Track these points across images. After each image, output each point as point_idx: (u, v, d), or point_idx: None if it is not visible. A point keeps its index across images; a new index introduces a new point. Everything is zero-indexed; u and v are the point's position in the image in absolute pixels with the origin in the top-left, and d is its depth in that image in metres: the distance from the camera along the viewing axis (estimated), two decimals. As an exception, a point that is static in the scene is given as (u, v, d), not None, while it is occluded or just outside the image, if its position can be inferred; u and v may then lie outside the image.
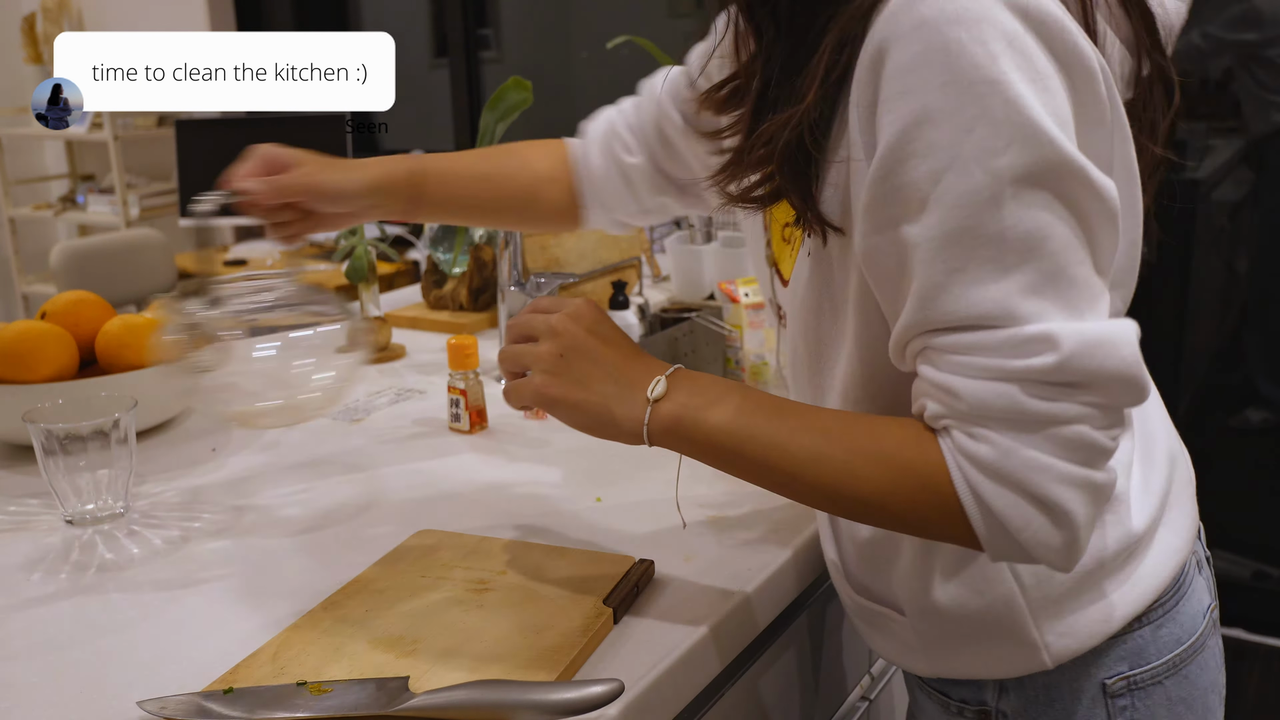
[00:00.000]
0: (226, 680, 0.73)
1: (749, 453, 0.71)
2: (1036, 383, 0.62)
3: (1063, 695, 0.78)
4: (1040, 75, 0.61)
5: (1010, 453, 0.62)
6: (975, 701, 0.82)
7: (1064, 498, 0.62)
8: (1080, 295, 0.63)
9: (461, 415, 1.20)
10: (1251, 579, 2.59)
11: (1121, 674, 0.78)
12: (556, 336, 0.75)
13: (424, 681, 0.71)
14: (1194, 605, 0.80)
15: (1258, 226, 2.61)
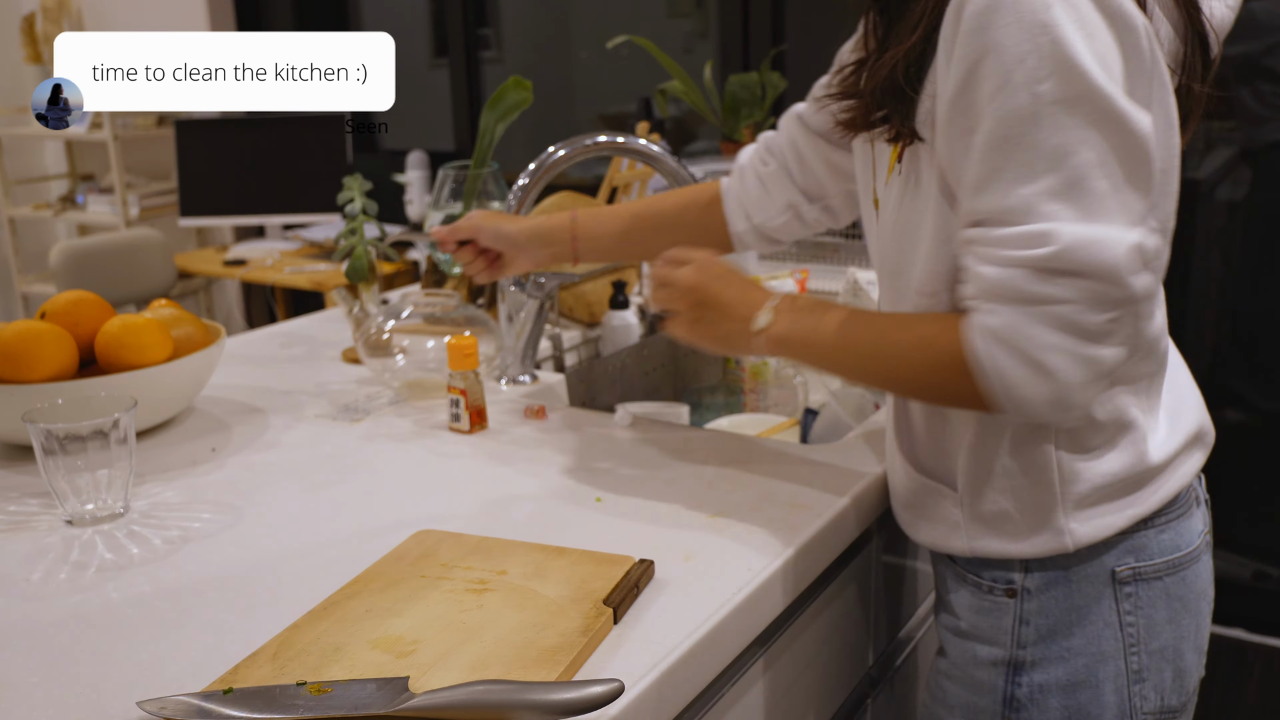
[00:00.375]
0: (226, 680, 0.73)
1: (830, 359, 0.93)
2: (1037, 269, 0.77)
3: (1079, 577, 0.92)
4: (1087, 24, 0.76)
5: (1012, 323, 0.78)
6: (1004, 580, 0.94)
7: (1051, 361, 0.78)
8: (1097, 204, 0.77)
9: (461, 415, 1.20)
10: (1251, 579, 2.59)
11: (1129, 565, 0.92)
12: (690, 291, 0.97)
13: (424, 682, 0.71)
14: (1192, 525, 0.95)
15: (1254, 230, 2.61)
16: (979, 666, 0.97)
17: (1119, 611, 0.92)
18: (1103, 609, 0.92)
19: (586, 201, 1.71)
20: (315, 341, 1.61)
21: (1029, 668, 0.94)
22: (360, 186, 1.63)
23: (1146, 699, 0.94)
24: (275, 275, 3.34)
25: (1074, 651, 0.93)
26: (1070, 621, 0.93)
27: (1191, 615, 0.95)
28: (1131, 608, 0.92)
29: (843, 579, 1.08)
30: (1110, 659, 0.93)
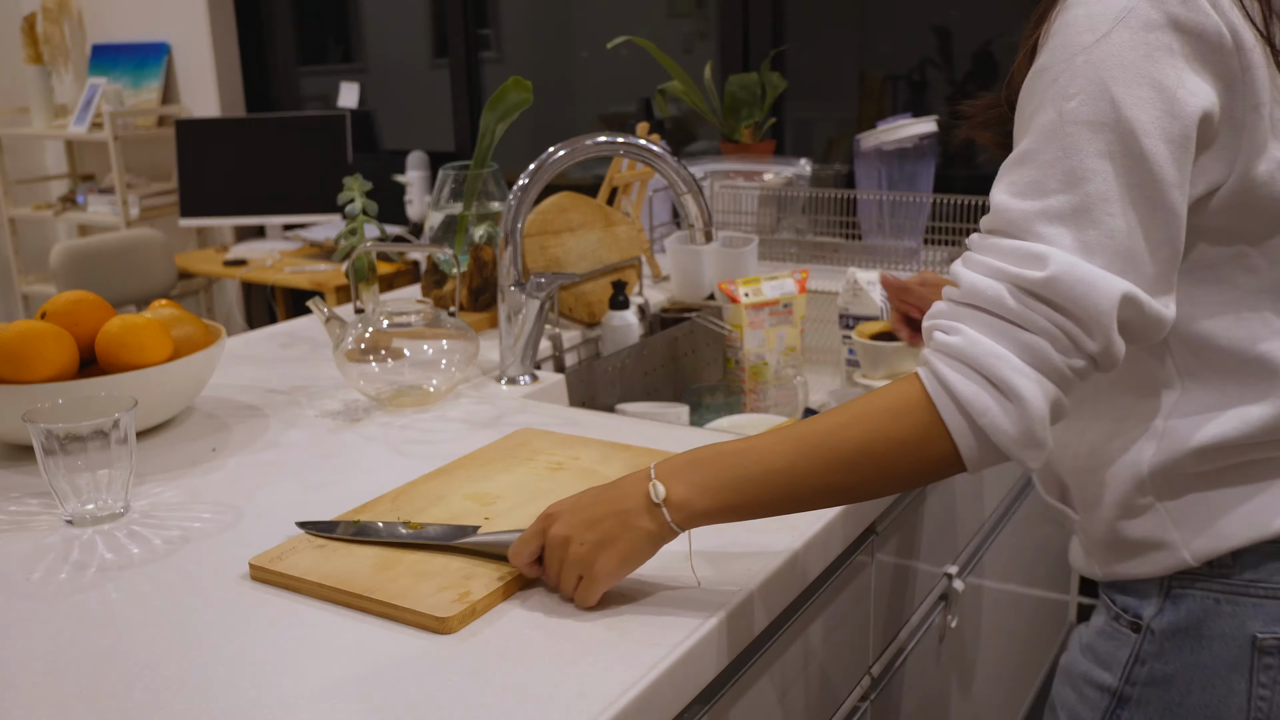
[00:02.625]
0: (354, 514, 0.98)
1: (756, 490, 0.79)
2: (1022, 290, 0.73)
3: (1215, 633, 0.85)
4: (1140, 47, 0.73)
5: (977, 342, 0.73)
6: (1133, 612, 0.90)
7: (1016, 383, 0.72)
8: (1098, 240, 0.73)
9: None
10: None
11: (1276, 635, 0.82)
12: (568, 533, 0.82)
13: (496, 524, 0.94)
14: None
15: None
16: (1089, 685, 0.94)
17: (1252, 683, 0.84)
18: (1233, 677, 0.85)
19: (586, 202, 1.71)
20: (315, 341, 1.61)
21: (1134, 705, 0.90)
22: (360, 186, 1.64)
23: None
24: (275, 275, 3.34)
25: (1186, 709, 0.87)
26: (1191, 679, 0.86)
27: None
28: (1269, 680, 0.84)
29: (843, 579, 1.08)
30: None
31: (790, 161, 2.12)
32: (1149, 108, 0.73)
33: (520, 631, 0.80)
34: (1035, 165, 0.75)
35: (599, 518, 0.81)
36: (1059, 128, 0.74)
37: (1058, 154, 0.74)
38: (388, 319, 1.32)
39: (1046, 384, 0.73)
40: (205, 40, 3.86)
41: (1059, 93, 0.75)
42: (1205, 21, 0.73)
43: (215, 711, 0.72)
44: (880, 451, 0.76)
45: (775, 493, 0.79)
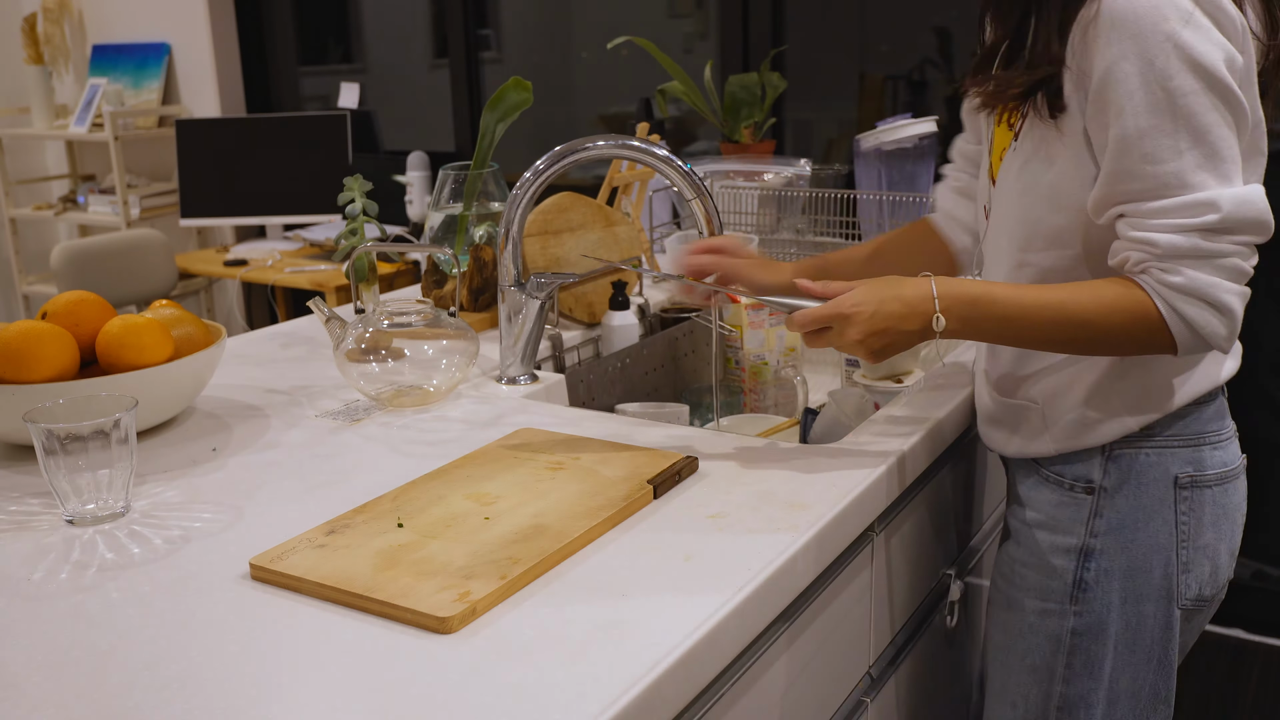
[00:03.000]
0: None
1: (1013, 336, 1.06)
2: (1209, 230, 0.96)
3: (1148, 479, 1.11)
4: (1199, 26, 0.96)
5: (1195, 278, 0.97)
6: (1084, 479, 1.14)
7: (1230, 302, 0.98)
8: (1231, 169, 0.97)
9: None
10: (1251, 579, 2.59)
11: (1188, 474, 1.11)
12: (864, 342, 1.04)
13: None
14: (1236, 448, 1.16)
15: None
16: (1054, 553, 1.15)
17: (1176, 511, 1.11)
18: (1163, 509, 1.11)
19: (586, 202, 1.71)
20: (315, 341, 1.61)
21: (1098, 555, 1.12)
22: (360, 187, 1.64)
23: (1189, 587, 1.12)
24: (276, 275, 3.34)
25: (1136, 543, 1.11)
26: (1136, 518, 1.11)
27: (1230, 523, 1.14)
28: (1187, 509, 1.11)
29: (843, 579, 1.09)
30: (1163, 549, 1.11)
31: (790, 161, 2.12)
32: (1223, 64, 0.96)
33: (520, 631, 0.80)
34: (1160, 134, 0.97)
35: (886, 330, 1.03)
36: (1171, 102, 0.96)
37: (1180, 121, 0.96)
38: (388, 319, 1.32)
39: (1243, 290, 0.99)
40: (205, 40, 3.86)
41: (1159, 76, 0.96)
42: (1229, 8, 0.98)
43: (215, 711, 0.72)
44: (1117, 340, 1.02)
45: (1023, 344, 1.09)
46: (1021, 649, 1.18)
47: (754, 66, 2.81)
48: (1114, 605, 1.12)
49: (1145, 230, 0.98)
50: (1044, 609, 1.16)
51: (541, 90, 1.59)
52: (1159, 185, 0.97)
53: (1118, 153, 0.99)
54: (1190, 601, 1.13)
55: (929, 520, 1.31)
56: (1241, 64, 0.99)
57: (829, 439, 1.36)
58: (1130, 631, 1.13)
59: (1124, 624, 1.12)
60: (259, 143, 3.64)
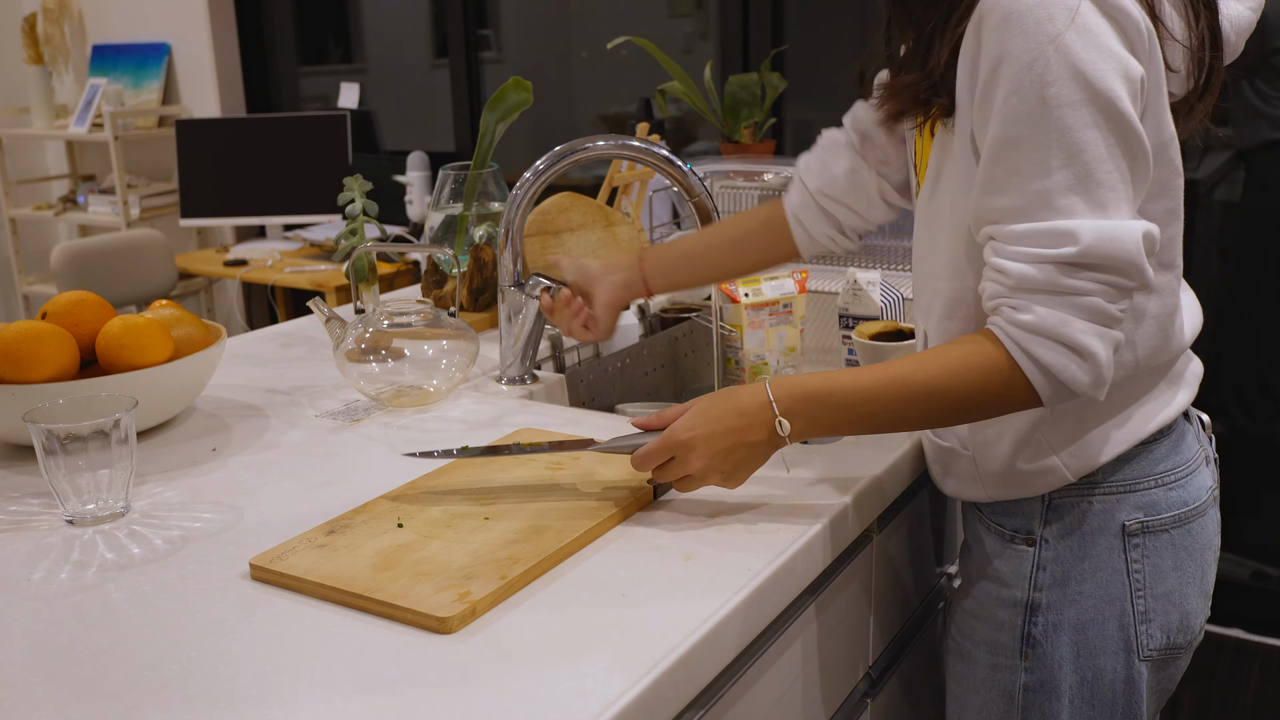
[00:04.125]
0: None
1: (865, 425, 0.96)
2: (1066, 264, 0.85)
3: (1092, 529, 1.02)
4: (1090, 30, 0.84)
5: (1046, 315, 0.86)
6: (1024, 530, 1.05)
7: (1088, 343, 0.86)
8: (1108, 196, 0.85)
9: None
10: (1251, 579, 2.59)
11: (1138, 520, 1.02)
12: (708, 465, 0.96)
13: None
14: (1200, 482, 1.05)
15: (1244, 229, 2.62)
16: (1000, 606, 1.07)
17: (1127, 561, 1.02)
18: (1112, 558, 1.02)
19: (586, 202, 1.71)
20: (315, 341, 1.61)
21: (1044, 609, 1.04)
22: (360, 187, 1.64)
23: (1152, 638, 1.03)
24: (276, 275, 3.34)
25: (1085, 595, 1.03)
26: (1083, 570, 1.03)
27: (1196, 563, 1.04)
28: (1139, 557, 1.02)
29: (843, 579, 1.09)
30: (1116, 600, 1.03)
31: (790, 161, 2.12)
32: (1114, 76, 0.85)
33: (520, 631, 0.80)
34: (1030, 148, 0.86)
35: (731, 449, 0.95)
36: (1045, 113, 0.85)
37: (1052, 135, 0.85)
38: (388, 319, 1.32)
39: (1107, 333, 0.87)
40: (205, 40, 3.86)
41: (1035, 81, 0.85)
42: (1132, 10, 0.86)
43: (215, 711, 0.72)
44: (975, 403, 0.92)
45: (879, 430, 0.98)
46: (977, 704, 1.11)
47: (754, 66, 2.81)
48: (1065, 660, 1.04)
49: (1002, 257, 0.88)
50: (995, 663, 1.08)
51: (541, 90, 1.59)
52: (1024, 204, 0.87)
53: (988, 160, 0.89)
54: (1157, 652, 1.04)
55: (929, 520, 1.31)
56: (1141, 75, 0.87)
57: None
58: (1087, 687, 1.04)
59: (1079, 679, 1.04)
60: (259, 143, 3.64)
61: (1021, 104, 0.85)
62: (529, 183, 1.33)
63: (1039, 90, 0.85)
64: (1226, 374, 2.65)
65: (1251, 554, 2.59)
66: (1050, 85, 0.84)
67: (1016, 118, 0.86)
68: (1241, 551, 2.60)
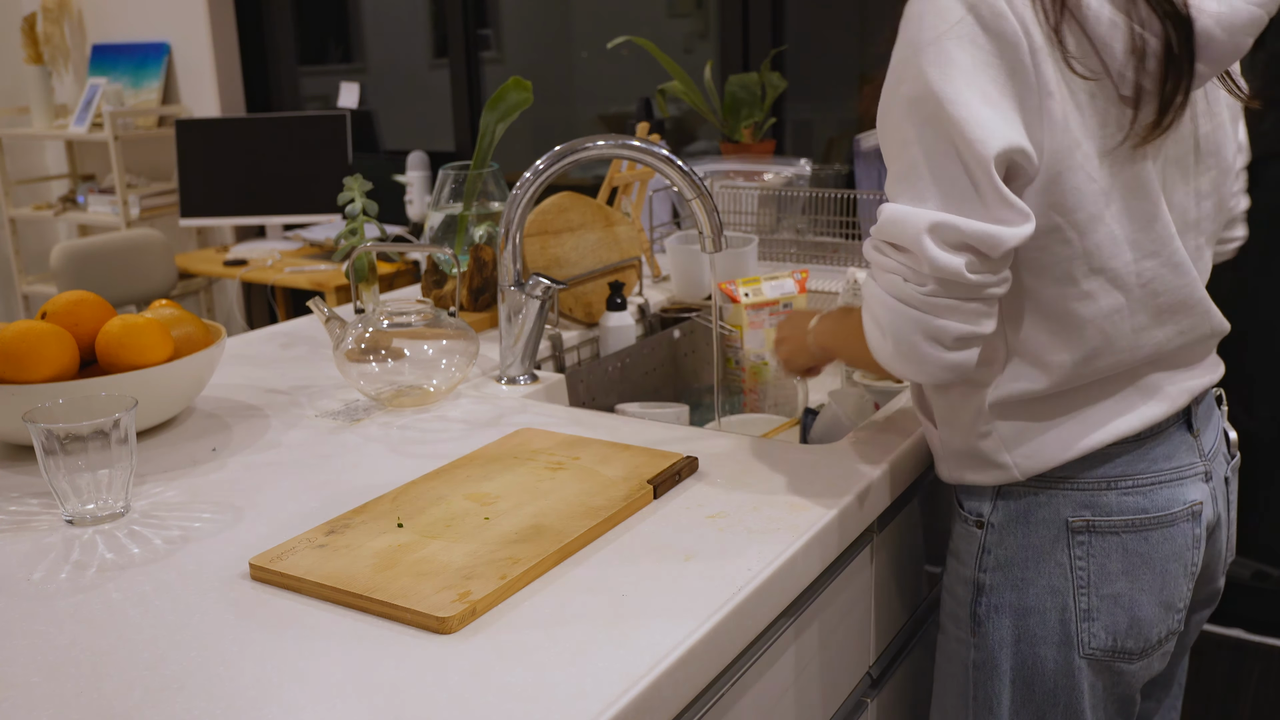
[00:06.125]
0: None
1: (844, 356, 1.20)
2: (875, 241, 0.96)
3: (1037, 520, 1.06)
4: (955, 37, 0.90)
5: (868, 288, 0.98)
6: (975, 513, 1.10)
7: (884, 319, 0.95)
8: (925, 191, 0.91)
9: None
10: (1251, 579, 2.59)
11: (1083, 518, 1.04)
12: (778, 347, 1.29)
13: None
14: (1173, 494, 1.04)
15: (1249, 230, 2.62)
16: (958, 582, 1.13)
17: (1070, 556, 1.04)
18: (1055, 551, 1.05)
19: (586, 202, 1.71)
20: (315, 341, 1.61)
21: (988, 590, 1.09)
22: (360, 187, 1.64)
23: (1096, 636, 1.05)
24: (275, 275, 3.34)
25: (1026, 582, 1.06)
26: (1026, 557, 1.06)
27: (1155, 574, 1.04)
28: (1083, 554, 1.04)
29: (843, 579, 1.09)
30: (1059, 593, 1.05)
31: (790, 161, 2.12)
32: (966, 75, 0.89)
33: (520, 631, 0.80)
34: (884, 142, 0.96)
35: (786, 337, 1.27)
36: (890, 109, 0.94)
37: (891, 129, 0.94)
38: (388, 319, 1.32)
39: (907, 310, 0.93)
40: (205, 40, 3.86)
41: (893, 80, 0.94)
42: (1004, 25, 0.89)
43: (215, 711, 0.72)
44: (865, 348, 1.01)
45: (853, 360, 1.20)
46: (945, 674, 1.16)
47: (754, 66, 2.81)
48: (1006, 643, 1.08)
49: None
50: (957, 635, 1.13)
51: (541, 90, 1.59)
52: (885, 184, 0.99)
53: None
54: (1101, 652, 1.05)
55: (929, 520, 1.31)
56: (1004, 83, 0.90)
57: (829, 439, 1.36)
58: (1026, 671, 1.07)
59: (1018, 663, 1.07)
60: (259, 143, 3.64)
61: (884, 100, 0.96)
62: (529, 183, 1.33)
63: (894, 89, 0.94)
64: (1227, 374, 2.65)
65: (1251, 554, 2.59)
66: (899, 85, 0.93)
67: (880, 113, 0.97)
68: (1241, 551, 2.59)
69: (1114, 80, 0.92)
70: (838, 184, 2.21)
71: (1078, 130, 0.92)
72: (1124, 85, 0.93)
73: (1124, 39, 0.92)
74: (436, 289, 1.68)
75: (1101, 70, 0.92)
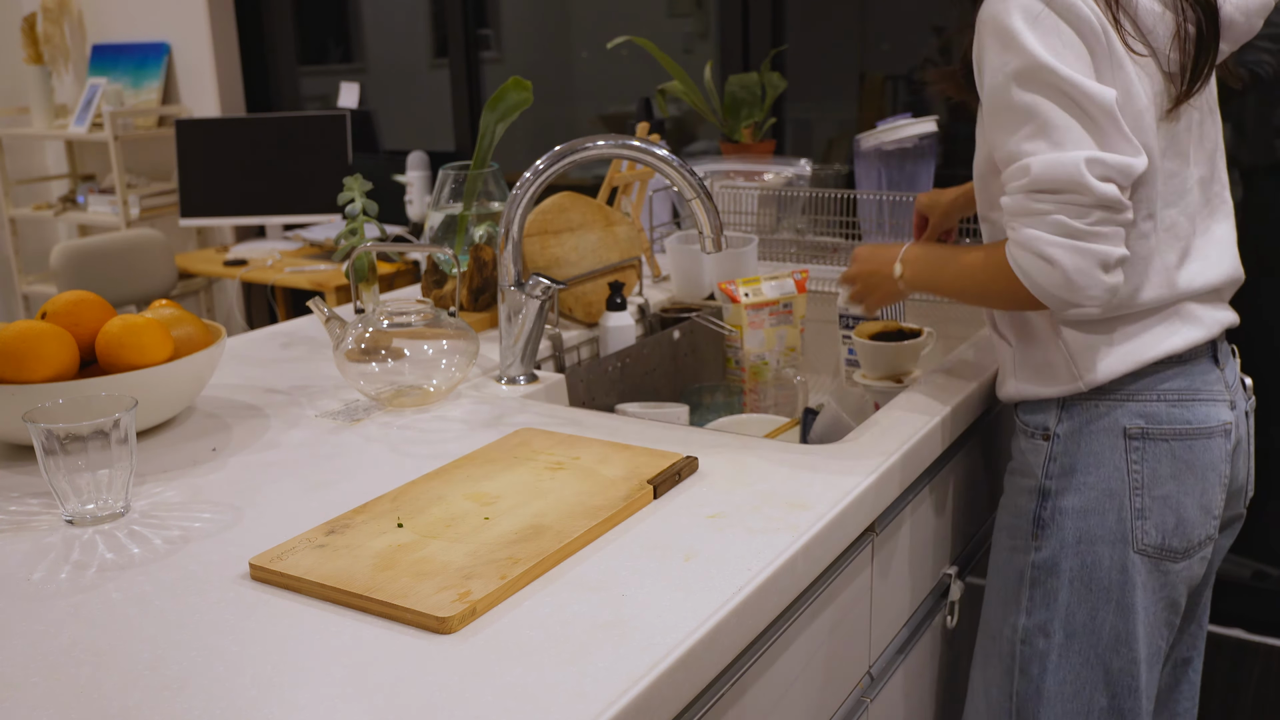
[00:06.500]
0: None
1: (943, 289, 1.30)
2: (1029, 191, 1.09)
3: (1098, 428, 1.20)
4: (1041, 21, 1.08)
5: (1023, 232, 1.10)
6: (1041, 426, 1.24)
7: (1054, 254, 1.08)
8: (1065, 137, 1.07)
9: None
10: (1251, 579, 2.59)
11: (1139, 426, 1.19)
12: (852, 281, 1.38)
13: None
14: (1210, 412, 1.20)
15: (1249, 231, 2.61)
16: (1020, 494, 1.26)
17: (1127, 460, 1.19)
18: (1114, 455, 1.19)
19: (586, 202, 1.71)
20: (315, 341, 1.61)
21: (1052, 495, 1.22)
22: (360, 186, 1.64)
23: (1148, 534, 1.19)
24: (275, 275, 3.34)
25: (1088, 485, 1.20)
26: (1088, 464, 1.20)
27: (1197, 478, 1.19)
28: (1138, 459, 1.18)
29: (843, 579, 1.09)
30: (1116, 495, 1.19)
31: (790, 161, 2.12)
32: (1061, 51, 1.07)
33: (520, 631, 0.80)
34: (1004, 114, 1.11)
35: (869, 273, 1.34)
36: (1008, 86, 1.10)
37: (1009, 101, 1.10)
38: (388, 319, 1.32)
39: (1074, 244, 1.07)
40: (205, 40, 3.86)
41: (999, 62, 1.10)
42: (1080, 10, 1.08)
43: (215, 711, 0.72)
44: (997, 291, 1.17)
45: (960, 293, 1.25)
46: (997, 584, 1.29)
47: (754, 66, 2.81)
48: (1068, 543, 1.21)
49: (1004, 195, 1.12)
50: (1013, 546, 1.26)
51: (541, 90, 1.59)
52: (1005, 158, 1.12)
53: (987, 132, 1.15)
54: (1151, 549, 1.19)
55: (929, 520, 1.31)
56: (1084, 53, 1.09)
57: (829, 439, 1.36)
58: (1085, 570, 1.20)
59: (1079, 561, 1.20)
60: (259, 143, 3.64)
61: (991, 80, 1.11)
62: (529, 183, 1.33)
63: (1002, 69, 1.10)
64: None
65: (1251, 554, 2.59)
66: (1009, 64, 1.09)
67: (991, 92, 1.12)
68: (1241, 551, 2.59)
69: (1158, 60, 1.12)
70: (838, 184, 2.21)
71: (1143, 96, 1.11)
72: (1166, 63, 1.13)
73: (1167, 25, 1.12)
74: (436, 289, 1.68)
75: (1148, 51, 1.12)
